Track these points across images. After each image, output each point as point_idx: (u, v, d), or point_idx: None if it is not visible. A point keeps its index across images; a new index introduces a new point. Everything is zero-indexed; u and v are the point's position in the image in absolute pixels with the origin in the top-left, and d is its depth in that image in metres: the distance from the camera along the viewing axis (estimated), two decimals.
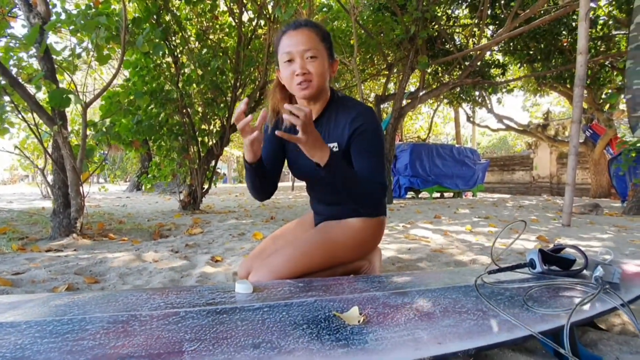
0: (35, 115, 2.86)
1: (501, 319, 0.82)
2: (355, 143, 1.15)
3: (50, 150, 2.90)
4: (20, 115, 2.72)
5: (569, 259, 1.07)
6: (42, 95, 3.51)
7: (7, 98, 2.67)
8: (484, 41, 7.09)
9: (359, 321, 0.81)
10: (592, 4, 4.22)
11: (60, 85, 2.96)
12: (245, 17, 5.07)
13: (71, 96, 2.54)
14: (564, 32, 6.86)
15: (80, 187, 2.80)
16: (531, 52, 7.44)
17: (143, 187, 11.35)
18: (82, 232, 2.83)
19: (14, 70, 2.93)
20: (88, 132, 3.02)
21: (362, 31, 6.37)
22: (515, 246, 2.39)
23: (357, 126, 1.14)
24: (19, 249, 2.33)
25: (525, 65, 8.29)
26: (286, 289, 1.04)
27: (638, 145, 5.87)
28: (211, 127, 5.15)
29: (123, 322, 0.83)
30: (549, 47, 7.13)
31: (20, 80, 2.66)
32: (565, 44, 7.11)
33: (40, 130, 2.94)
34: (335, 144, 1.18)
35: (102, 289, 1.42)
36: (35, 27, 2.58)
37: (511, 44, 7.49)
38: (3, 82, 2.51)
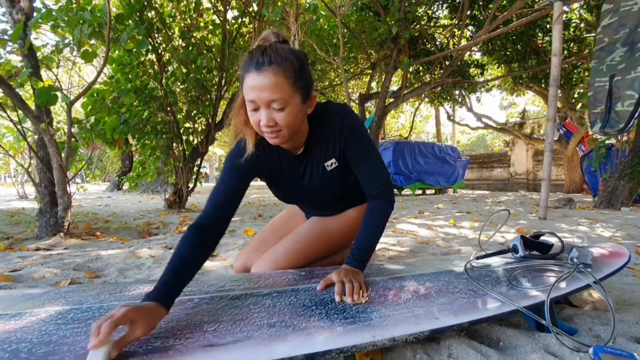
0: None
1: (490, 296, 0.91)
2: (350, 151, 1.10)
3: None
4: (5, 113, 2.66)
5: (547, 244, 1.18)
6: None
7: None
8: (463, 42, 7.31)
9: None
10: (565, 8, 4.43)
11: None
12: (229, 15, 5.07)
13: (58, 94, 2.51)
14: (539, 34, 7.15)
15: (67, 186, 2.78)
16: (508, 53, 7.71)
17: (125, 187, 11.13)
18: (69, 232, 2.80)
19: None
20: (72, 129, 2.99)
21: (346, 30, 6.47)
22: (497, 237, 2.53)
23: (346, 134, 1.08)
24: (7, 248, 2.31)
25: (502, 65, 8.58)
26: (290, 278, 1.10)
27: (607, 142, 6.20)
28: (196, 125, 5.12)
29: None
30: (525, 49, 7.41)
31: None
32: (540, 45, 7.41)
33: (20, 128, 2.89)
34: (333, 160, 1.12)
35: (104, 283, 1.45)
36: (20, 24, 2.54)
37: (489, 44, 7.74)
38: None
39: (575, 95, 8.71)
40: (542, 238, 1.23)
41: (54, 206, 2.77)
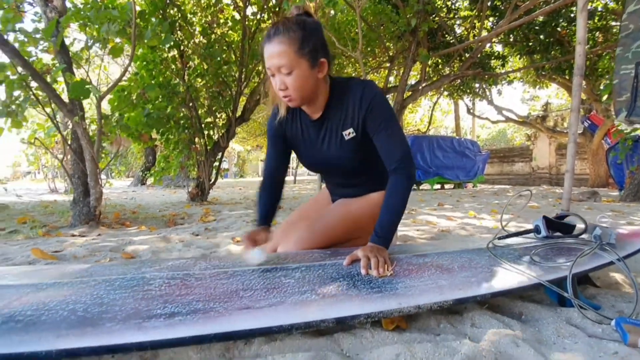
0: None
1: (512, 271, 0.94)
2: (371, 123, 1.14)
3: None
4: (40, 107, 2.81)
5: (570, 225, 1.18)
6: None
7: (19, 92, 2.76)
8: (484, 33, 7.18)
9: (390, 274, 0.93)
10: None
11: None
12: (249, 11, 5.15)
13: (89, 87, 2.63)
14: (562, 24, 6.95)
15: (99, 177, 2.91)
16: (530, 44, 7.52)
17: (149, 181, 11.45)
18: (100, 221, 2.94)
19: None
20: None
21: (364, 24, 6.45)
22: (518, 225, 2.51)
23: (367, 106, 1.13)
24: (45, 234, 2.45)
25: (524, 56, 8.37)
26: (317, 256, 1.15)
27: (633, 134, 5.99)
28: (217, 120, 5.24)
29: (180, 278, 0.95)
30: (548, 39, 7.22)
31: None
32: (564, 36, 7.20)
33: (56, 122, 3.04)
34: (351, 130, 1.18)
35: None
36: (53, 21, 2.67)
37: (511, 35, 7.58)
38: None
39: (601, 87, 8.44)
40: (565, 219, 1.24)
41: (86, 196, 2.91)
